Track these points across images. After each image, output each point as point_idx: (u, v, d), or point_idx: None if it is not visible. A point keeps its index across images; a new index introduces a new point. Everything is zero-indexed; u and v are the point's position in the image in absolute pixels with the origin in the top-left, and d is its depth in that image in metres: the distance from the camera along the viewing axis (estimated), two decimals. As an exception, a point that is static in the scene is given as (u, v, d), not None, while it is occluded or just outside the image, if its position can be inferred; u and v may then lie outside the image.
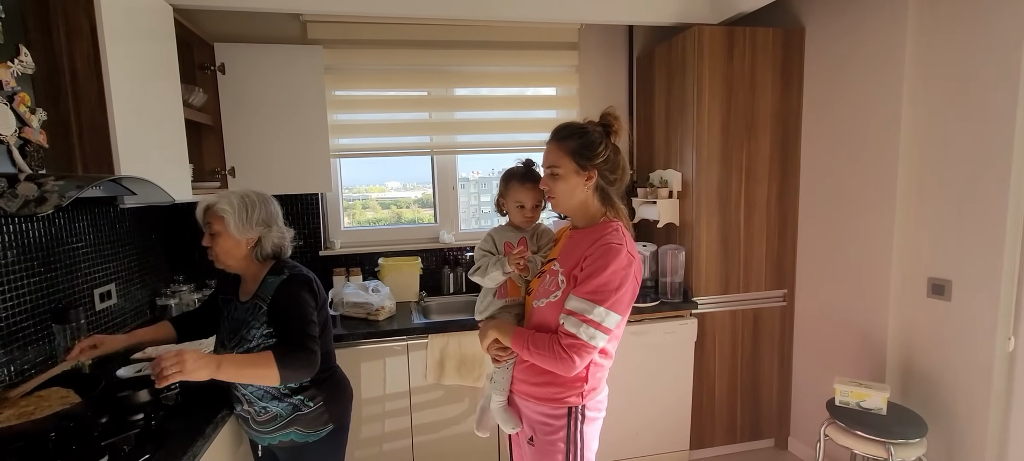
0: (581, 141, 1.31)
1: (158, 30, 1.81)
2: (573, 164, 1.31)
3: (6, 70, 1.22)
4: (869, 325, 2.27)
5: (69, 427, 1.26)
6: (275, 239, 1.48)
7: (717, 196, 2.52)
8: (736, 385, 2.70)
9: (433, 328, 2.30)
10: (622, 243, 1.27)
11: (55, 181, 1.20)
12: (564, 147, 1.32)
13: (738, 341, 2.66)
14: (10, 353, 1.48)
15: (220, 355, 1.32)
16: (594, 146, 1.30)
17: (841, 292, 2.40)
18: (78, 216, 1.81)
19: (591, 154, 1.30)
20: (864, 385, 2.03)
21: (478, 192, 3.22)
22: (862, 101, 2.23)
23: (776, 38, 2.48)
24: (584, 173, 1.32)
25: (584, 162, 1.31)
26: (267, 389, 1.43)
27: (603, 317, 1.23)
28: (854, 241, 2.31)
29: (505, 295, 1.49)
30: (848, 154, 2.31)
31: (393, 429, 2.32)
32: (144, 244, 2.25)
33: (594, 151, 1.30)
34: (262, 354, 1.34)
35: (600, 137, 1.32)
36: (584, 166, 1.31)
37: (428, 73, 2.72)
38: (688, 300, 2.57)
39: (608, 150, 1.32)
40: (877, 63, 2.15)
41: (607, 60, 2.93)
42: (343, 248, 2.75)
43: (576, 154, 1.31)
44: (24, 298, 1.53)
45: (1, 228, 1.47)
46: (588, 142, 1.31)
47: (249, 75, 2.31)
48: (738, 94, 2.48)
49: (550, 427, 1.38)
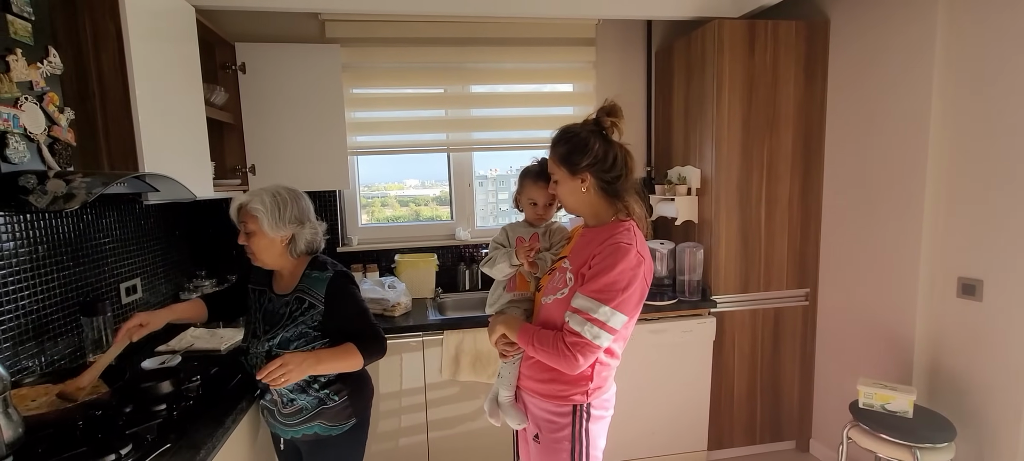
0: (568, 146, 1.30)
1: (181, 31, 1.85)
2: (565, 170, 1.31)
3: (36, 71, 1.27)
4: (895, 325, 2.20)
5: (96, 416, 1.30)
6: (308, 236, 1.50)
7: (737, 193, 2.47)
8: (756, 385, 2.65)
9: (448, 324, 2.31)
10: (631, 243, 1.26)
11: (82, 178, 1.24)
12: (555, 154, 1.33)
13: (758, 341, 2.61)
14: (41, 344, 1.53)
15: (317, 351, 1.43)
16: (581, 150, 1.29)
17: (866, 291, 2.34)
18: (105, 212, 1.87)
19: (578, 158, 1.29)
20: (889, 387, 1.97)
21: (495, 189, 3.22)
22: (890, 95, 2.16)
23: (799, 31, 2.42)
24: (577, 177, 1.31)
25: (574, 167, 1.30)
26: (298, 382, 1.46)
27: (608, 317, 1.22)
28: (880, 239, 2.25)
29: (514, 288, 1.50)
30: (875, 149, 2.24)
31: (409, 424, 2.34)
32: (168, 239, 2.31)
33: (582, 155, 1.28)
34: (346, 346, 1.46)
35: (590, 137, 1.29)
36: (575, 171, 1.30)
37: (445, 70, 2.73)
38: (706, 299, 2.53)
39: (598, 149, 1.28)
40: (906, 56, 2.08)
41: (625, 56, 2.90)
42: (360, 245, 2.78)
43: (565, 160, 1.31)
44: (54, 292, 1.59)
45: (33, 224, 1.52)
46: (575, 146, 1.29)
47: (269, 74, 2.35)
48: (759, 89, 2.42)
49: (555, 425, 1.38)
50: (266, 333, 1.48)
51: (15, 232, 1.46)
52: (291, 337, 1.46)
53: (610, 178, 1.30)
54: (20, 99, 1.21)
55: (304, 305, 1.47)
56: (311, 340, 1.46)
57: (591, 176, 1.30)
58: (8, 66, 1.19)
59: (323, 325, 1.46)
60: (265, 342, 1.47)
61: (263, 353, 1.47)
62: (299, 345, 1.45)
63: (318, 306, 1.46)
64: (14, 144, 1.19)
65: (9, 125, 1.18)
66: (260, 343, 1.49)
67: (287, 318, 1.47)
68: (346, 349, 1.45)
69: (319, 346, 1.46)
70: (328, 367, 1.44)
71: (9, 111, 1.18)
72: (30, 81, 1.25)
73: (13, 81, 1.20)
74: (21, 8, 1.24)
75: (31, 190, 1.21)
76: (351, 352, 1.46)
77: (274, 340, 1.46)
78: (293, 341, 1.45)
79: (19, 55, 1.22)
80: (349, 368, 1.48)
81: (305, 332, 1.46)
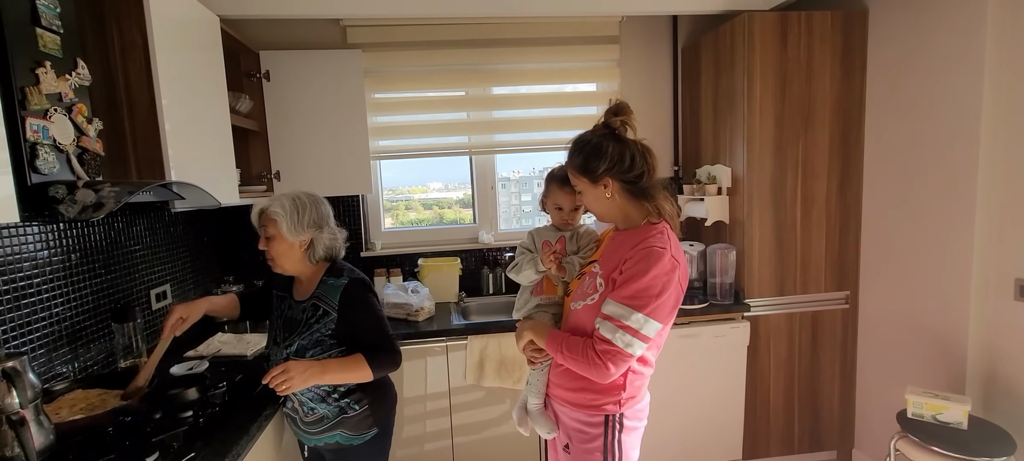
0: (583, 155, 1.27)
1: (206, 41, 1.87)
2: (586, 180, 1.28)
3: (65, 82, 1.29)
4: (946, 330, 2.07)
5: (125, 423, 1.32)
6: (327, 241, 1.50)
7: (770, 192, 2.37)
8: (793, 392, 2.53)
9: (472, 329, 2.28)
10: (665, 247, 1.20)
11: (111, 187, 1.25)
12: (573, 166, 1.30)
13: (795, 345, 2.50)
14: (74, 351, 1.56)
15: (323, 361, 1.42)
16: (596, 155, 1.25)
17: (912, 294, 2.20)
18: (135, 220, 1.90)
19: (596, 164, 1.25)
20: (941, 396, 1.85)
21: (519, 191, 3.18)
22: (937, 86, 2.03)
23: (835, 22, 2.31)
24: (599, 184, 1.27)
25: (593, 175, 1.26)
26: (316, 391, 1.46)
27: (641, 324, 1.17)
28: (928, 239, 2.12)
29: (541, 292, 1.46)
30: (921, 144, 2.12)
31: (434, 429, 2.32)
32: (196, 246, 2.35)
33: (598, 160, 1.25)
34: (355, 357, 1.43)
35: (602, 141, 1.25)
36: (595, 179, 1.26)
37: (466, 73, 2.71)
38: (739, 302, 2.43)
39: (613, 152, 1.24)
40: (954, 45, 1.95)
41: (650, 53, 2.82)
42: (383, 249, 2.78)
43: (583, 170, 1.28)
44: (87, 299, 1.62)
45: (65, 233, 1.55)
46: (589, 153, 1.26)
47: (293, 81, 2.37)
48: (793, 83, 2.32)
49: (586, 435, 1.33)
50: (285, 340, 1.48)
51: (49, 241, 1.49)
52: (307, 345, 1.45)
53: (632, 178, 1.25)
54: (50, 111, 1.23)
55: (319, 312, 1.46)
56: (327, 348, 1.45)
57: (613, 180, 1.26)
58: (38, 79, 1.21)
59: (337, 333, 1.45)
60: (284, 349, 1.47)
61: (282, 359, 1.46)
62: (315, 353, 1.44)
63: (332, 314, 1.45)
64: (44, 155, 1.21)
65: (39, 136, 1.20)
66: (280, 350, 1.49)
67: (303, 325, 1.46)
68: (354, 360, 1.43)
69: (335, 354, 1.45)
70: (334, 377, 1.42)
71: (39, 123, 1.21)
72: (59, 93, 1.27)
73: (43, 93, 1.22)
74: (50, 21, 1.26)
75: (61, 200, 1.23)
76: (359, 364, 1.43)
77: (291, 347, 1.46)
78: (309, 349, 1.45)
79: (48, 67, 1.24)
80: (357, 380, 1.45)
81: (321, 340, 1.45)
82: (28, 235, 1.42)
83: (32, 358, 1.40)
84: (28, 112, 1.18)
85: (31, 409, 1.12)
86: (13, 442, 1.09)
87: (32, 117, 1.19)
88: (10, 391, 1.09)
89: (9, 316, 1.36)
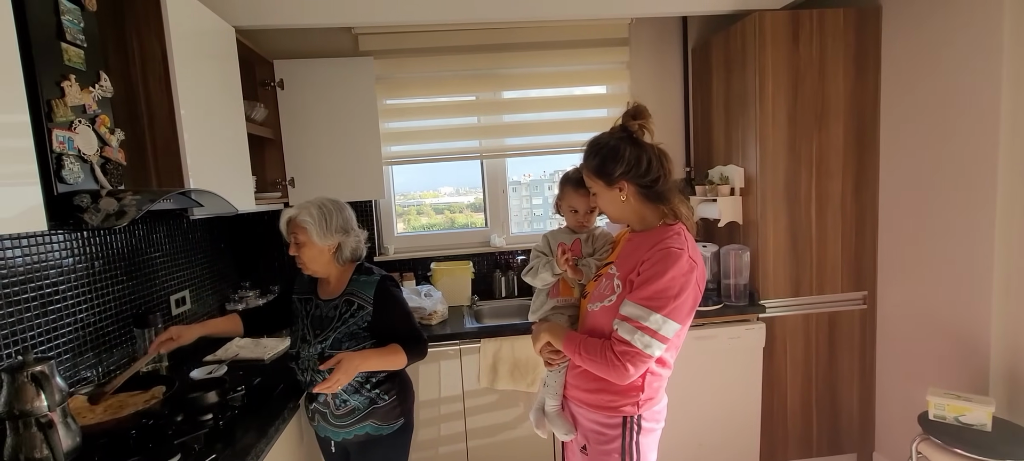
0: (599, 158, 1.27)
1: (222, 51, 1.91)
2: (601, 182, 1.28)
3: (88, 95, 1.33)
4: (967, 329, 2.03)
5: (148, 425, 1.34)
6: (353, 244, 1.60)
7: (784, 192, 2.35)
8: (811, 394, 2.50)
9: (485, 332, 2.29)
10: (683, 248, 1.20)
11: (132, 195, 1.29)
12: (589, 168, 1.30)
13: (812, 347, 2.47)
14: (98, 355, 1.60)
15: (363, 351, 1.51)
16: (612, 158, 1.25)
17: (932, 293, 2.17)
18: (156, 228, 1.95)
19: (612, 167, 1.25)
20: (963, 398, 1.81)
21: (529, 195, 3.19)
22: (954, 83, 2.00)
23: (848, 20, 2.28)
24: (614, 187, 1.27)
25: (609, 178, 1.26)
26: (351, 382, 1.52)
27: (660, 325, 1.17)
28: (947, 237, 2.08)
29: (557, 294, 1.46)
30: (938, 142, 2.08)
31: (448, 432, 2.33)
32: (214, 252, 2.39)
33: (614, 164, 1.24)
34: (392, 346, 1.54)
35: (619, 144, 1.25)
36: (611, 182, 1.26)
37: (476, 78, 2.73)
38: (754, 303, 2.41)
39: (630, 155, 1.24)
40: (971, 41, 1.92)
41: (659, 54, 2.82)
42: (396, 253, 2.80)
43: (599, 172, 1.28)
44: (110, 304, 1.66)
45: (89, 240, 1.59)
46: (606, 156, 1.26)
47: (306, 89, 2.41)
48: (805, 82, 2.30)
49: (604, 437, 1.33)
50: (316, 336, 1.55)
51: (73, 249, 1.53)
52: (342, 337, 1.53)
53: (648, 182, 1.25)
54: (74, 122, 1.27)
55: (353, 307, 1.55)
56: (361, 340, 1.54)
57: (628, 183, 1.26)
58: (63, 92, 1.25)
59: (372, 326, 1.54)
60: (317, 345, 1.54)
61: (315, 355, 1.54)
62: (350, 345, 1.53)
63: (367, 307, 1.55)
64: (69, 165, 1.24)
65: (65, 147, 1.24)
66: (311, 346, 1.56)
67: (337, 320, 1.54)
68: (392, 349, 1.53)
69: (368, 346, 1.53)
70: (375, 364, 1.52)
71: (65, 134, 1.24)
72: (83, 105, 1.31)
73: (68, 106, 1.25)
74: (74, 36, 1.30)
75: (85, 208, 1.26)
76: (396, 351, 1.53)
77: (326, 341, 1.53)
78: (344, 341, 1.53)
79: (73, 81, 1.28)
80: (394, 366, 1.56)
81: (355, 332, 1.53)
82: (54, 243, 1.46)
83: (59, 362, 1.44)
84: (54, 124, 1.21)
85: (58, 412, 1.15)
86: (42, 444, 1.12)
87: (58, 129, 1.22)
88: (39, 394, 1.12)
89: (37, 322, 1.40)
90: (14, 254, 1.35)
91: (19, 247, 1.36)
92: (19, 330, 1.34)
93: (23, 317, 1.36)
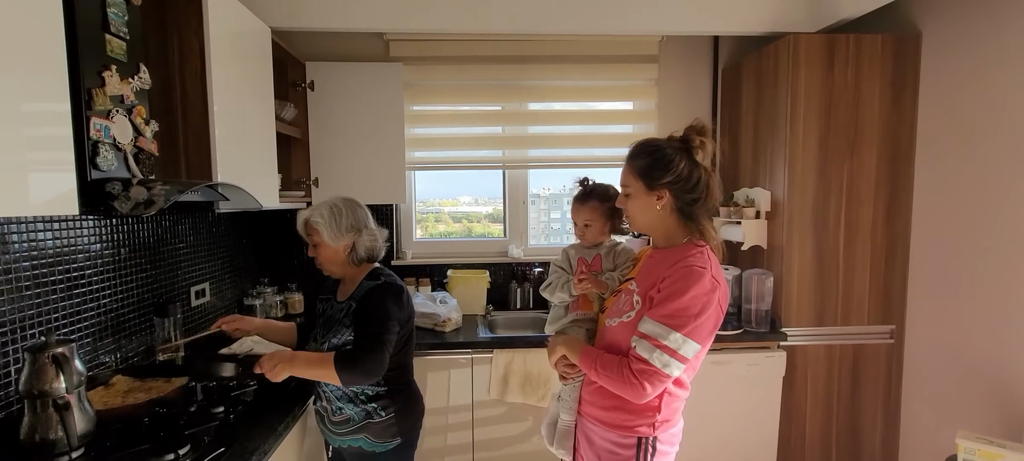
0: (650, 160, 1.23)
1: (257, 51, 1.95)
2: (642, 184, 1.24)
3: (127, 86, 1.36)
4: (1003, 372, 1.93)
5: (161, 414, 1.35)
6: (367, 243, 1.56)
7: (812, 217, 2.29)
8: (831, 428, 2.41)
9: (498, 343, 2.27)
10: (706, 266, 1.17)
11: (162, 186, 1.31)
12: (633, 166, 1.26)
13: (834, 379, 2.38)
14: (118, 341, 1.63)
15: (294, 352, 1.48)
16: (664, 165, 1.21)
17: (966, 331, 2.08)
18: (182, 219, 1.98)
19: (660, 173, 1.21)
20: (997, 443, 1.72)
21: (548, 208, 3.18)
22: (996, 116, 1.93)
23: (886, 45, 2.23)
24: (653, 193, 1.23)
25: (652, 182, 1.23)
26: (345, 391, 1.50)
27: (679, 344, 1.14)
28: (984, 273, 1.99)
29: (576, 309, 1.44)
30: (978, 175, 2.01)
31: (455, 443, 2.30)
32: (236, 247, 2.43)
33: (664, 171, 1.21)
34: (324, 356, 1.43)
35: (675, 154, 1.22)
36: (652, 186, 1.23)
37: (503, 88, 2.74)
38: (776, 330, 2.34)
39: (682, 168, 1.21)
40: (1019, 71, 1.85)
41: (689, 73, 2.79)
42: (414, 258, 2.80)
43: (644, 174, 1.24)
44: (132, 292, 1.69)
45: (117, 228, 1.63)
46: (658, 160, 1.22)
47: (336, 91, 2.45)
48: (839, 107, 2.25)
49: (618, 457, 1.29)
50: (323, 336, 1.55)
51: (102, 235, 1.57)
52: (339, 343, 1.51)
53: (689, 200, 1.22)
54: (112, 111, 1.30)
55: (351, 310, 1.53)
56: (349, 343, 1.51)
57: (669, 194, 1.22)
58: (104, 81, 1.28)
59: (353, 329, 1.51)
60: (322, 345, 1.54)
61: None
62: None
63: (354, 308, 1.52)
64: (104, 153, 1.27)
65: (101, 135, 1.27)
66: (316, 347, 1.56)
67: (339, 323, 1.53)
68: (322, 359, 1.42)
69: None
70: (301, 369, 1.42)
71: (102, 122, 1.27)
72: (122, 95, 1.34)
73: (107, 95, 1.29)
74: (118, 28, 1.34)
75: (116, 196, 1.29)
76: (325, 363, 1.41)
77: (325, 344, 1.52)
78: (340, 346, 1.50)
79: (114, 71, 1.31)
80: (321, 378, 1.45)
81: (342, 339, 1.51)
82: (83, 228, 1.50)
83: (80, 346, 1.47)
84: (93, 112, 1.24)
85: (75, 395, 1.17)
86: (57, 425, 1.13)
87: (96, 117, 1.25)
88: (58, 376, 1.14)
89: (62, 304, 1.43)
90: (45, 236, 1.38)
91: (50, 230, 1.40)
92: (45, 311, 1.37)
93: (49, 299, 1.39)
